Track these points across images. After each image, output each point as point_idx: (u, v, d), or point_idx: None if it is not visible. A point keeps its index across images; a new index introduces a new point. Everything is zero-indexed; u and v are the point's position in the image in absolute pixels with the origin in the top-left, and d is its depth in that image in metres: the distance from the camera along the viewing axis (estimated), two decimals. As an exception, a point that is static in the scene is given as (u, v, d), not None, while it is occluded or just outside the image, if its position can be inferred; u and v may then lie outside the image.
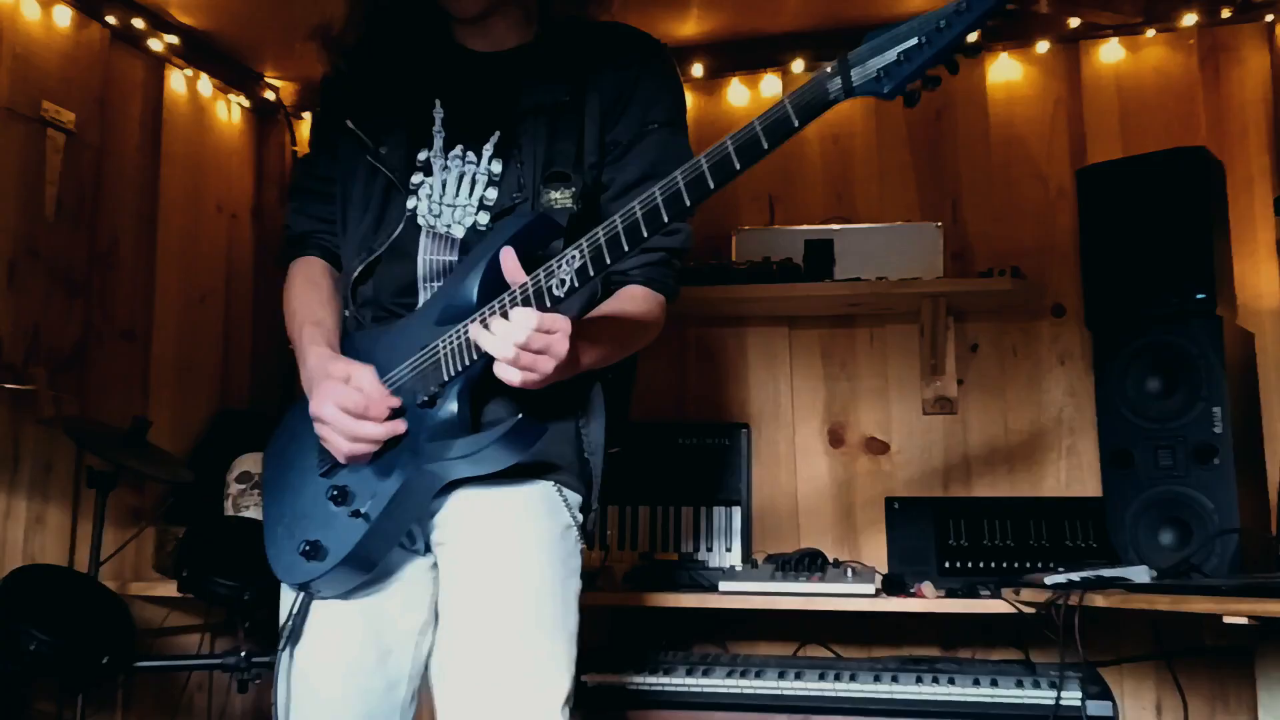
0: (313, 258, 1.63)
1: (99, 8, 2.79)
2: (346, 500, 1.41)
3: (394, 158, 1.51)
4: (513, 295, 1.29)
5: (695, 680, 2.28)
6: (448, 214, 1.49)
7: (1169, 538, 2.27)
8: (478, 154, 1.51)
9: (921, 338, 2.85)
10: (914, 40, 1.06)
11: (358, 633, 1.45)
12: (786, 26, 3.01)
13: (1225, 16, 2.78)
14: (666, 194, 1.20)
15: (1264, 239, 2.72)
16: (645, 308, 1.49)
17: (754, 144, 1.13)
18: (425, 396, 1.36)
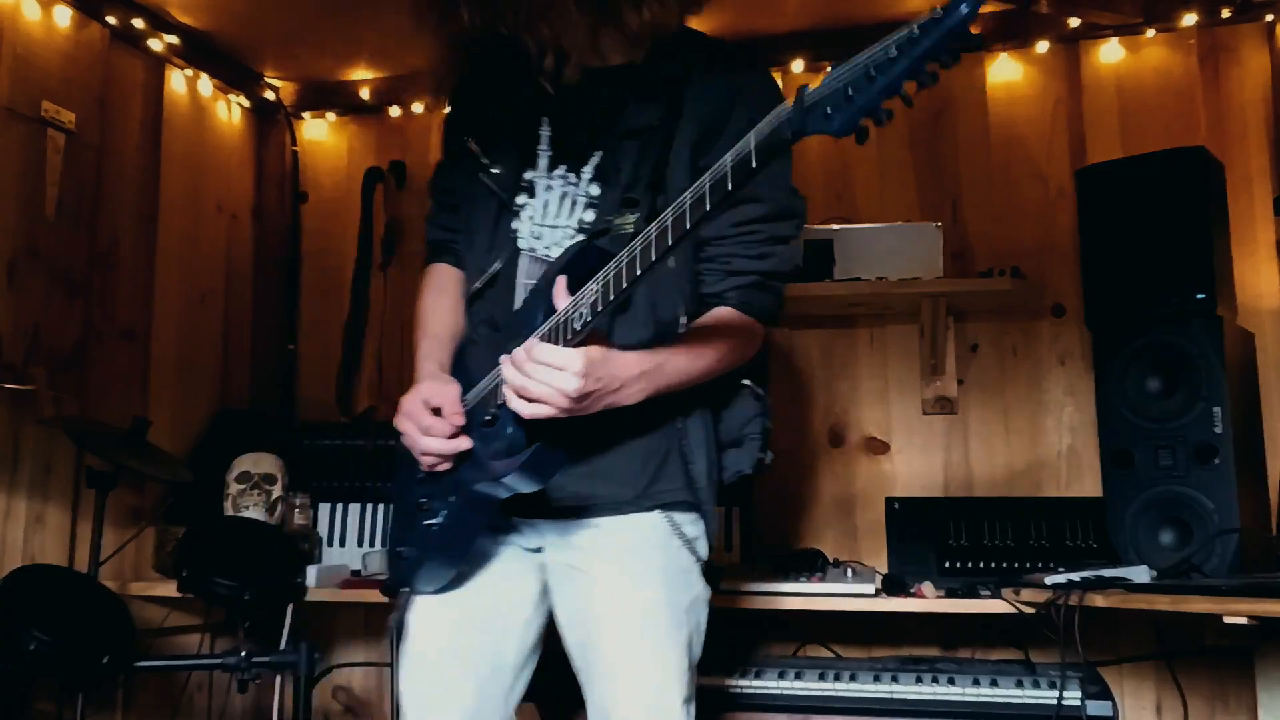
0: (443, 265, 1.71)
1: (99, 8, 2.79)
2: (427, 509, 1.53)
3: (505, 179, 1.56)
4: (543, 328, 1.36)
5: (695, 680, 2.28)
6: (548, 235, 1.53)
7: (1169, 538, 2.27)
8: (578, 175, 1.54)
9: (921, 338, 2.85)
10: (864, 72, 1.03)
11: (470, 624, 1.55)
12: (786, 26, 3.01)
13: (1225, 16, 2.78)
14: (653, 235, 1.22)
15: (1264, 239, 2.72)
16: (728, 330, 1.51)
17: (721, 183, 1.14)
18: (487, 416, 1.45)
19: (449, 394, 1.49)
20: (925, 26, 1.00)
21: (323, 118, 3.49)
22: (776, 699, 2.26)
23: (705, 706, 2.24)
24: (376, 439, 3.09)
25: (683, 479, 1.52)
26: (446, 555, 1.51)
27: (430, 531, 1.51)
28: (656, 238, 1.21)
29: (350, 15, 2.95)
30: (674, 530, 1.51)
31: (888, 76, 1.01)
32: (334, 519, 3.05)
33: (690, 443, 1.53)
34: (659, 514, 1.50)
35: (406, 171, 3.39)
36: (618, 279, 1.25)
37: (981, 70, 3.00)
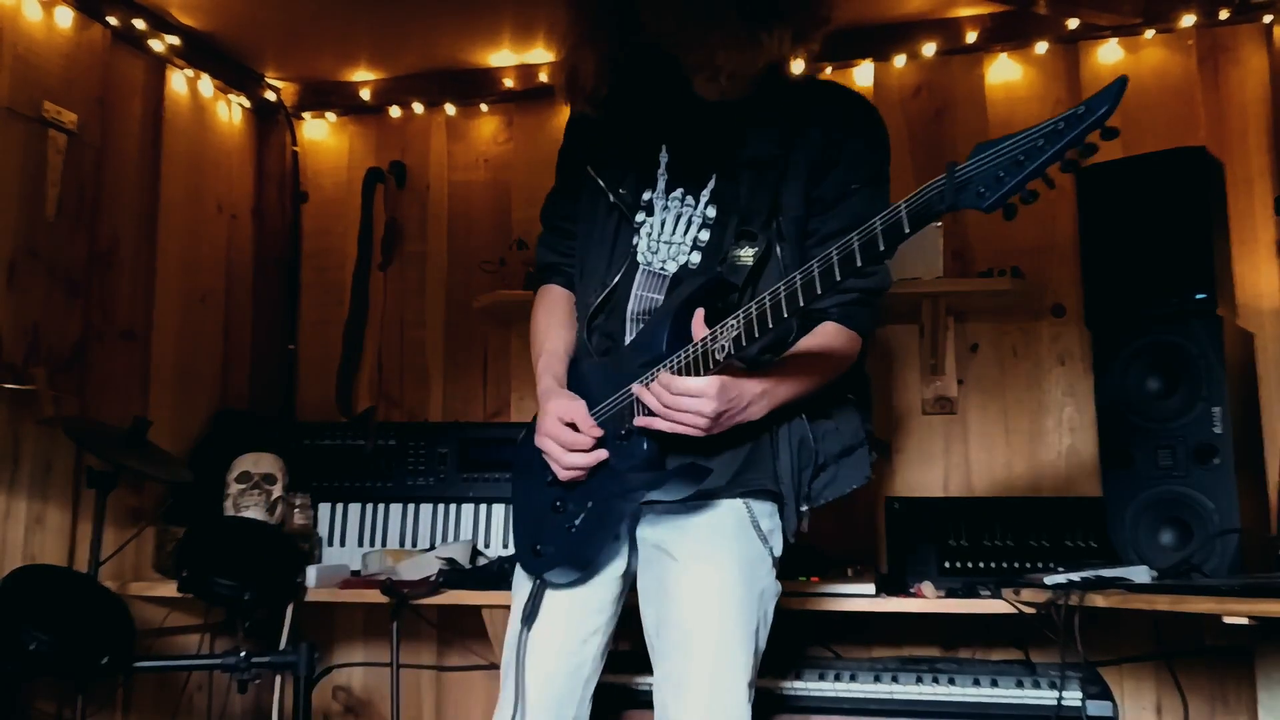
0: (554, 286, 1.86)
1: (100, 8, 2.79)
2: (563, 511, 1.68)
3: (626, 198, 1.71)
4: (680, 357, 1.53)
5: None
6: (664, 250, 1.68)
7: (1169, 538, 2.27)
8: (695, 198, 1.68)
9: (921, 338, 2.86)
10: (1014, 157, 1.14)
11: (570, 619, 1.70)
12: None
13: (1224, 17, 2.78)
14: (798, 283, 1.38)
15: (1264, 239, 2.72)
16: (834, 344, 1.65)
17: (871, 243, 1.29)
18: (623, 431, 1.62)
19: (579, 410, 1.64)
20: (1070, 120, 1.14)
21: (323, 118, 3.50)
22: (776, 699, 2.26)
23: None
24: (376, 439, 3.09)
25: (768, 470, 1.64)
26: (582, 554, 1.67)
27: (569, 533, 1.66)
28: (803, 285, 1.37)
29: (350, 15, 2.96)
30: (751, 519, 1.64)
31: (1035, 162, 1.13)
32: (334, 519, 3.06)
33: (780, 442, 1.65)
34: (739, 501, 1.63)
35: (406, 171, 3.39)
36: (761, 319, 1.41)
37: (981, 71, 3.01)
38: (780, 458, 1.64)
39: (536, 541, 1.71)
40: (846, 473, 1.72)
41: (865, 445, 1.73)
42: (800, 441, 1.65)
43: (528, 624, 1.68)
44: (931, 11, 2.95)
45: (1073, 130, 1.12)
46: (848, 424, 1.72)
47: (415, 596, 2.56)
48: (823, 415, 1.69)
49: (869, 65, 3.06)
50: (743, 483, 1.63)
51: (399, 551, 2.89)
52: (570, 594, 1.70)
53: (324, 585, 2.69)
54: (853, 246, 1.30)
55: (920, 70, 3.04)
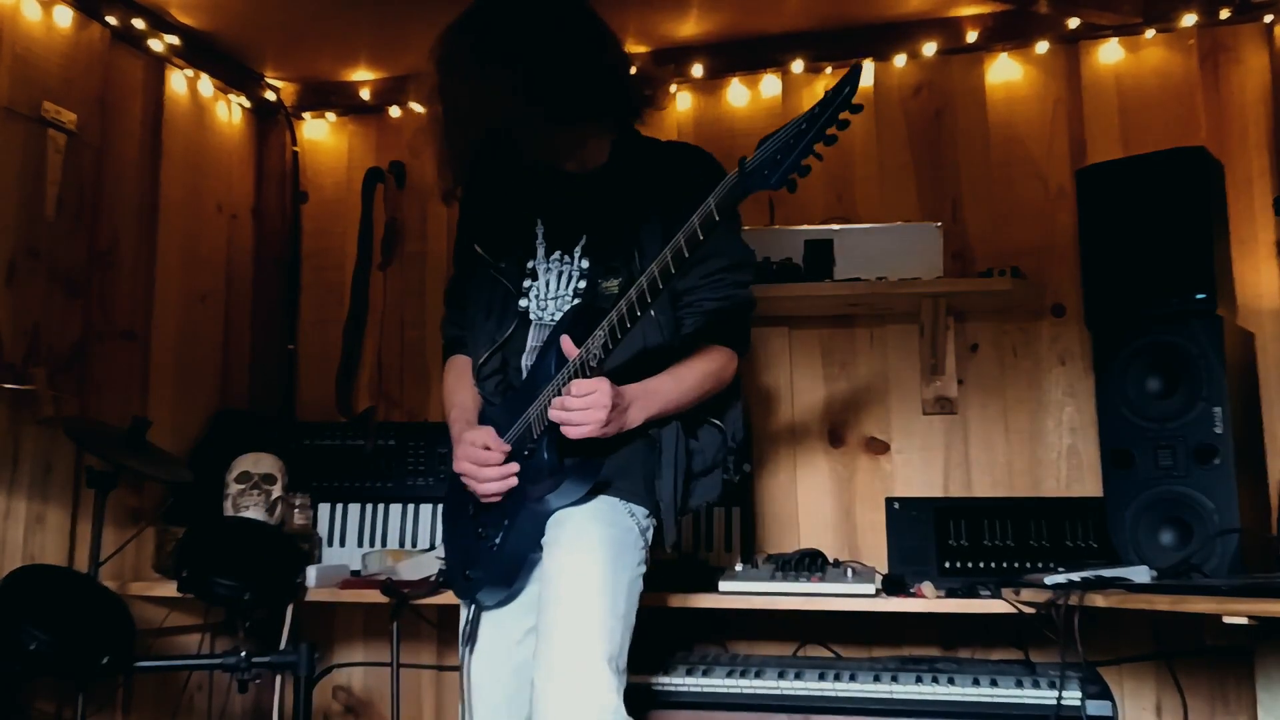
0: (459, 356, 2.10)
1: (99, 8, 2.79)
2: (486, 535, 1.88)
3: (510, 270, 1.96)
4: (564, 374, 1.75)
5: (695, 680, 2.28)
6: (551, 305, 1.93)
7: (1169, 538, 2.27)
8: (571, 255, 1.95)
9: (921, 338, 2.85)
10: (785, 142, 1.43)
11: (502, 626, 1.91)
12: (786, 26, 3.02)
13: (1224, 17, 2.78)
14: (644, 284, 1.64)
15: (1264, 239, 2.72)
16: (708, 359, 1.88)
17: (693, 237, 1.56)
18: (526, 450, 1.82)
19: (489, 433, 1.87)
20: (823, 105, 1.42)
21: (323, 118, 3.50)
22: (776, 699, 2.25)
23: (705, 706, 2.25)
24: (376, 439, 3.09)
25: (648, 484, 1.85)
26: (507, 571, 1.86)
27: (493, 554, 1.85)
28: (648, 285, 1.62)
29: (350, 15, 2.96)
30: (626, 510, 1.82)
31: (802, 143, 1.43)
32: (334, 519, 3.06)
33: (663, 460, 1.85)
34: (617, 499, 1.82)
35: (406, 171, 3.39)
36: (621, 323, 1.65)
37: (981, 70, 3.00)
38: (663, 476, 1.84)
39: (466, 567, 1.91)
40: (703, 489, 1.94)
41: (720, 467, 1.95)
42: (678, 458, 1.86)
43: (468, 644, 1.91)
44: (931, 11, 2.95)
45: (825, 112, 1.41)
46: (710, 445, 1.93)
47: (415, 596, 2.56)
48: (692, 436, 1.91)
49: (869, 65, 3.06)
50: (622, 490, 1.82)
51: (399, 551, 2.89)
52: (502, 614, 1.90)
53: (324, 585, 2.69)
54: (680, 243, 1.56)
55: (920, 70, 3.04)
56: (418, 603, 2.59)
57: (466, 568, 1.91)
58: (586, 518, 1.79)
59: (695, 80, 3.14)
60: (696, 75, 3.12)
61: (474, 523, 1.91)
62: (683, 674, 2.29)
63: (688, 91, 3.19)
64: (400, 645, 2.55)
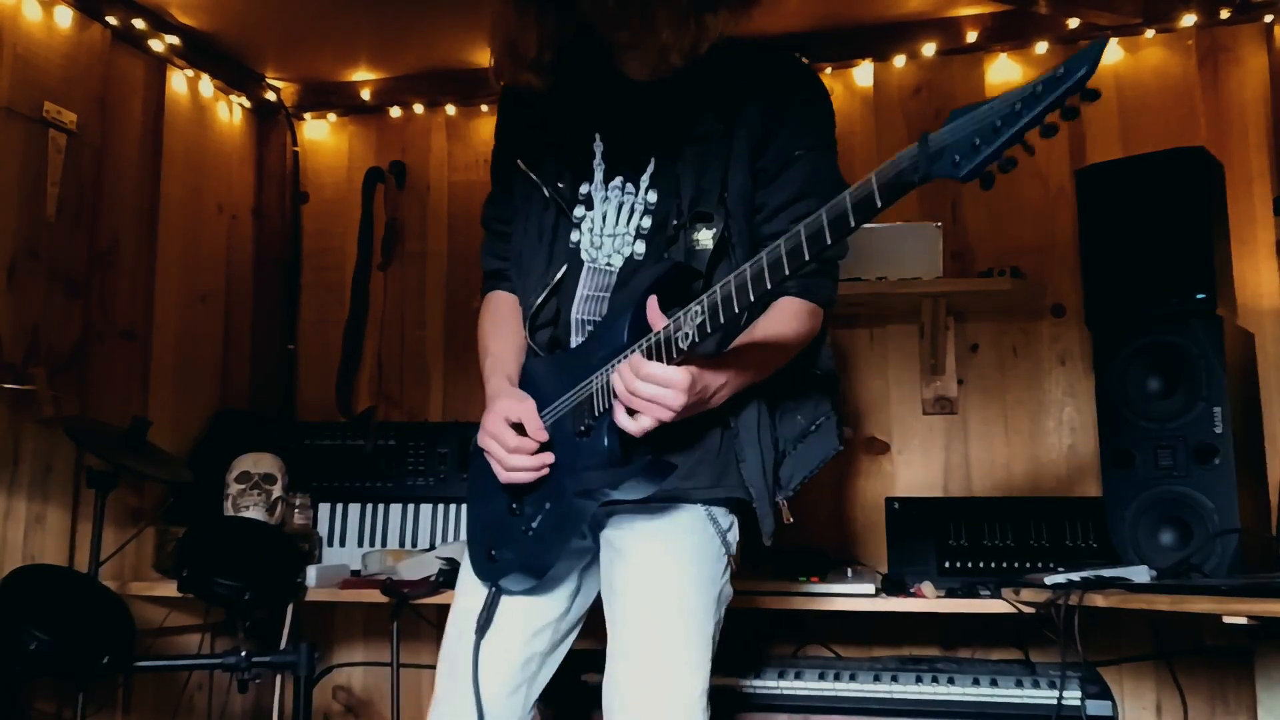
0: (500, 292, 1.76)
1: (100, 8, 2.79)
2: (521, 515, 1.59)
3: (563, 192, 1.61)
4: (643, 344, 1.41)
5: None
6: (608, 244, 1.59)
7: (1169, 538, 2.27)
8: (635, 184, 1.59)
9: (921, 338, 2.85)
10: (990, 123, 1.09)
11: (521, 621, 1.63)
12: (786, 26, 3.01)
13: (1224, 17, 2.78)
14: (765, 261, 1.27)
15: (1264, 239, 2.72)
16: (795, 322, 1.55)
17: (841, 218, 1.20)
18: (581, 427, 1.50)
19: (528, 410, 1.54)
20: (1048, 83, 1.07)
21: (323, 118, 3.50)
22: (776, 699, 2.26)
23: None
24: (376, 439, 3.09)
25: (734, 477, 1.57)
26: (541, 559, 1.57)
27: (526, 537, 1.57)
28: (770, 264, 1.26)
29: (350, 15, 2.96)
30: (710, 521, 1.57)
31: (1012, 128, 1.08)
32: (334, 519, 3.06)
33: (743, 441, 1.57)
34: (700, 508, 1.56)
35: (406, 171, 3.39)
36: (727, 303, 1.30)
37: (980, 71, 3.01)
38: (747, 459, 1.57)
39: (492, 546, 1.62)
40: (812, 450, 1.66)
41: (828, 418, 1.66)
42: (761, 435, 1.58)
43: (481, 633, 1.60)
44: (931, 11, 2.95)
45: (1051, 93, 1.07)
46: (808, 403, 1.65)
47: (415, 596, 2.56)
48: (786, 397, 1.62)
49: (869, 65, 3.06)
50: (709, 491, 1.57)
51: (399, 551, 2.89)
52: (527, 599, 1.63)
53: (324, 585, 2.69)
54: (821, 222, 1.20)
55: (920, 70, 3.04)
56: (418, 602, 2.59)
57: (492, 546, 1.63)
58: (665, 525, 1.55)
59: (695, 80, 3.14)
60: (696, 75, 3.12)
61: (507, 496, 1.62)
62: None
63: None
64: (400, 645, 2.56)
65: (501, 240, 1.76)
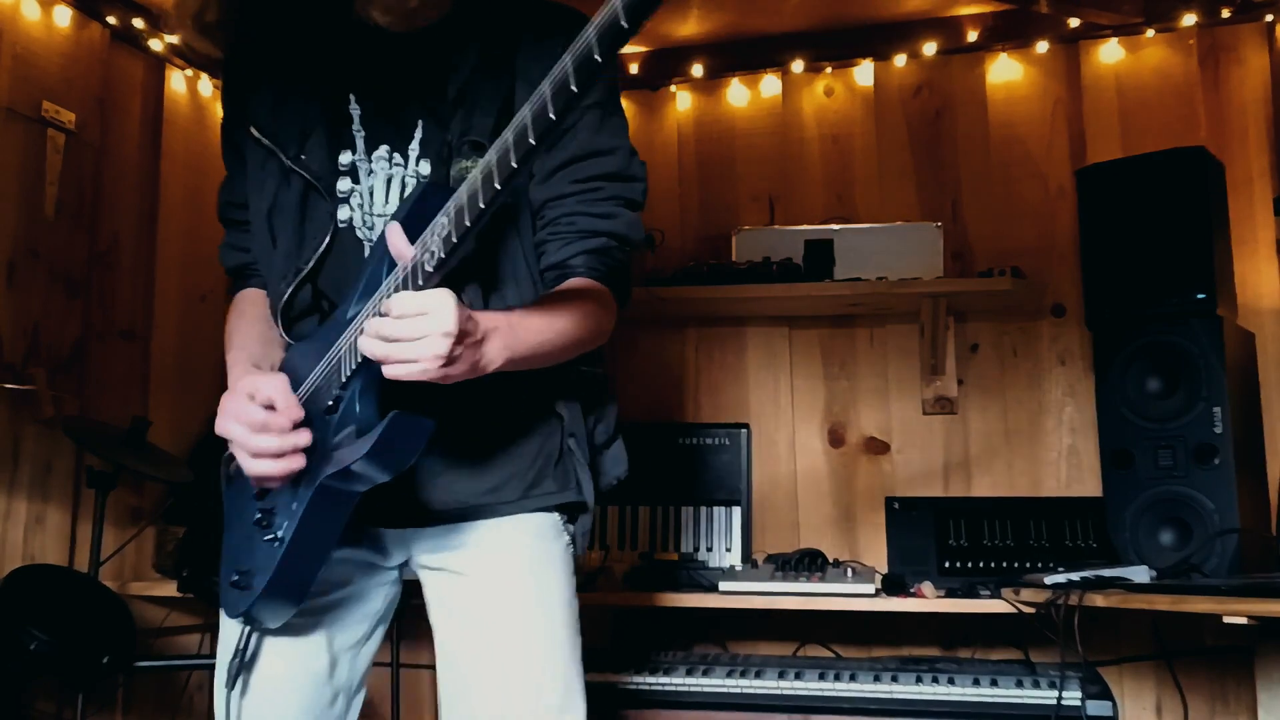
0: (251, 290, 1.55)
1: (99, 8, 2.79)
2: (269, 524, 1.30)
3: (312, 164, 1.35)
4: (389, 285, 1.16)
5: (695, 680, 2.28)
6: (379, 224, 1.35)
7: (1169, 538, 2.27)
8: (404, 154, 1.36)
9: (921, 338, 2.85)
10: None
11: (311, 644, 1.39)
12: (786, 26, 3.02)
13: (1225, 16, 2.78)
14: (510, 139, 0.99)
15: (1264, 239, 2.72)
16: (582, 297, 1.31)
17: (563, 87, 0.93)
18: (329, 402, 1.23)
19: (278, 384, 1.25)
20: None
21: (323, 118, 3.49)
22: (777, 699, 2.26)
23: (705, 706, 2.26)
24: (376, 439, 3.08)
25: (573, 480, 1.39)
26: (296, 576, 1.27)
27: (273, 549, 1.26)
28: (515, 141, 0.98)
29: (350, 15, 2.95)
30: (564, 528, 1.39)
31: None
32: (334, 519, 3.05)
33: (579, 441, 1.39)
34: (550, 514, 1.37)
35: (406, 171, 3.39)
36: (472, 200, 1.03)
37: (981, 70, 3.00)
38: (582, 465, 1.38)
39: (236, 570, 1.33)
40: (610, 464, 1.46)
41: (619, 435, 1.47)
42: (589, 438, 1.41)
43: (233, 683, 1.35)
44: (931, 11, 2.95)
45: None
46: (610, 408, 1.46)
47: (415, 596, 2.55)
48: (596, 403, 1.43)
49: (869, 65, 3.06)
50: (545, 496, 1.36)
51: (399, 551, 2.89)
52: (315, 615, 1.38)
53: (324, 585, 2.68)
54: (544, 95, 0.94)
55: (920, 70, 3.04)
56: (418, 602, 2.59)
57: (236, 569, 1.33)
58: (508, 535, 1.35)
59: (695, 80, 3.14)
60: (696, 75, 3.11)
61: (255, 505, 1.34)
62: (683, 674, 2.29)
63: (687, 91, 3.19)
64: (400, 645, 2.56)
65: (241, 230, 1.53)
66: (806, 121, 3.08)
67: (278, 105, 1.40)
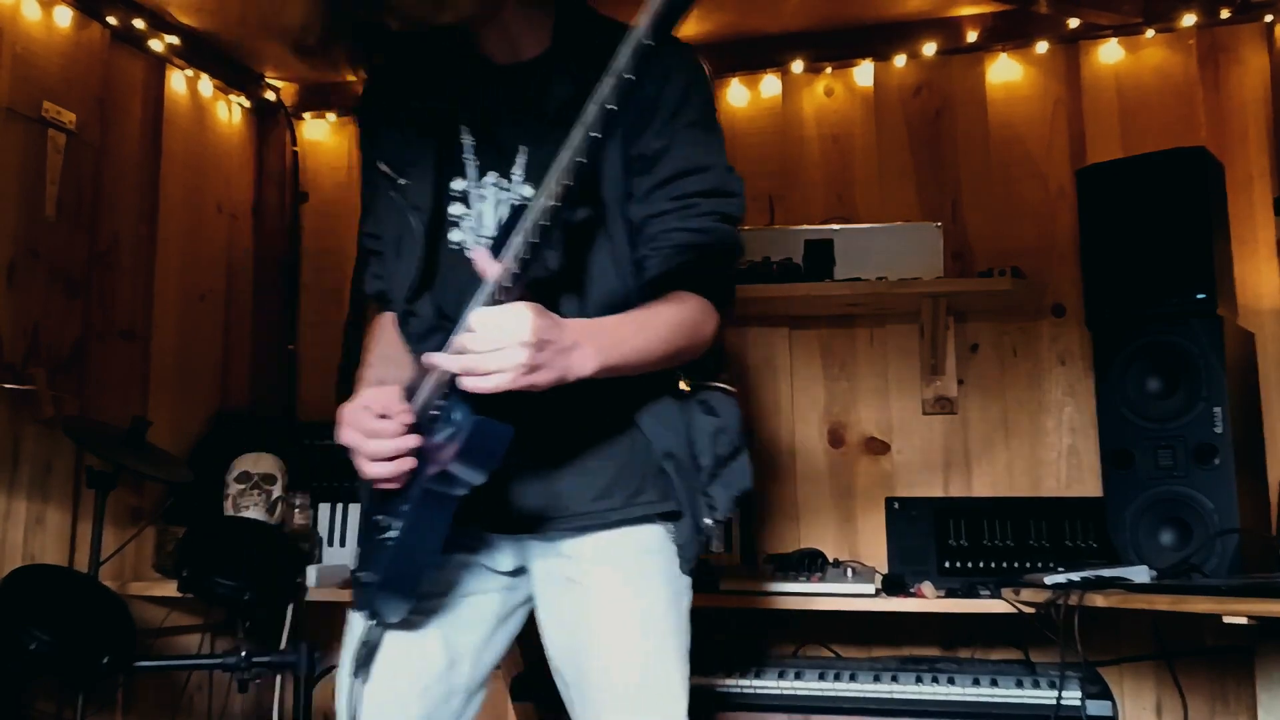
0: (385, 313, 1.62)
1: (99, 8, 2.79)
2: (385, 526, 1.41)
3: (422, 192, 1.44)
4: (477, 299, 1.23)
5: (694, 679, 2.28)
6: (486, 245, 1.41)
7: (1169, 538, 2.27)
8: (508, 178, 1.46)
9: (921, 338, 2.85)
10: None
11: (428, 640, 1.48)
12: (786, 26, 3.02)
13: (1225, 17, 2.78)
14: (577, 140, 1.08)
15: (1264, 239, 2.72)
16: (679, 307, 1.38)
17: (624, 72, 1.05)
18: (434, 413, 1.32)
19: (388, 394, 1.35)
20: None
21: (323, 118, 3.49)
22: (776, 699, 2.26)
23: (706, 706, 2.25)
24: (376, 439, 3.09)
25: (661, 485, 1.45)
26: (407, 574, 1.38)
27: (387, 548, 1.37)
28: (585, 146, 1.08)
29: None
30: (669, 538, 1.46)
31: None
32: (334, 519, 3.05)
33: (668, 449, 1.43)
34: (655, 525, 1.45)
35: (406, 171, 3.39)
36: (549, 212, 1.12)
37: (981, 70, 3.00)
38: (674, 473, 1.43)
39: (359, 569, 1.45)
40: (736, 476, 1.50)
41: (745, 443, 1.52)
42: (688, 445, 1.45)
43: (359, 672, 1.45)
44: (931, 11, 2.95)
45: None
46: (732, 419, 1.50)
47: (415, 596, 2.55)
48: (708, 412, 1.48)
49: (869, 65, 3.06)
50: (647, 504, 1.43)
51: (399, 551, 2.89)
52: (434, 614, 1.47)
53: (324, 585, 2.69)
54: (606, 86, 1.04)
55: (920, 70, 3.04)
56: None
57: (359, 569, 1.46)
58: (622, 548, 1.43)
59: (695, 80, 3.14)
60: (696, 75, 3.11)
61: (373, 508, 1.46)
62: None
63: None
64: (400, 645, 2.55)
65: (379, 259, 1.59)
66: (806, 121, 3.08)
67: (400, 139, 1.49)
